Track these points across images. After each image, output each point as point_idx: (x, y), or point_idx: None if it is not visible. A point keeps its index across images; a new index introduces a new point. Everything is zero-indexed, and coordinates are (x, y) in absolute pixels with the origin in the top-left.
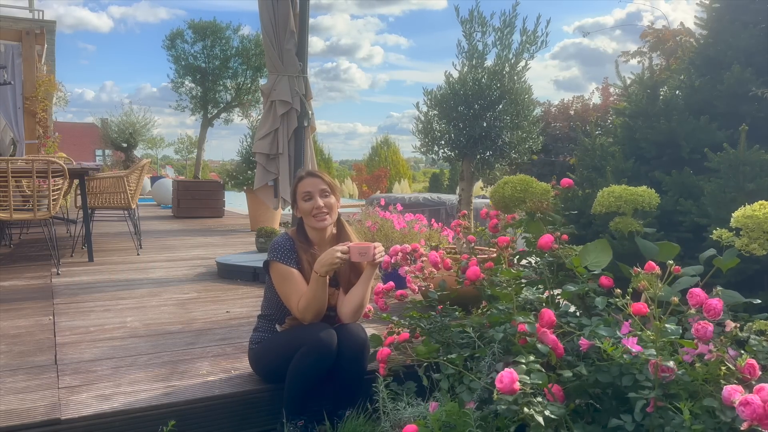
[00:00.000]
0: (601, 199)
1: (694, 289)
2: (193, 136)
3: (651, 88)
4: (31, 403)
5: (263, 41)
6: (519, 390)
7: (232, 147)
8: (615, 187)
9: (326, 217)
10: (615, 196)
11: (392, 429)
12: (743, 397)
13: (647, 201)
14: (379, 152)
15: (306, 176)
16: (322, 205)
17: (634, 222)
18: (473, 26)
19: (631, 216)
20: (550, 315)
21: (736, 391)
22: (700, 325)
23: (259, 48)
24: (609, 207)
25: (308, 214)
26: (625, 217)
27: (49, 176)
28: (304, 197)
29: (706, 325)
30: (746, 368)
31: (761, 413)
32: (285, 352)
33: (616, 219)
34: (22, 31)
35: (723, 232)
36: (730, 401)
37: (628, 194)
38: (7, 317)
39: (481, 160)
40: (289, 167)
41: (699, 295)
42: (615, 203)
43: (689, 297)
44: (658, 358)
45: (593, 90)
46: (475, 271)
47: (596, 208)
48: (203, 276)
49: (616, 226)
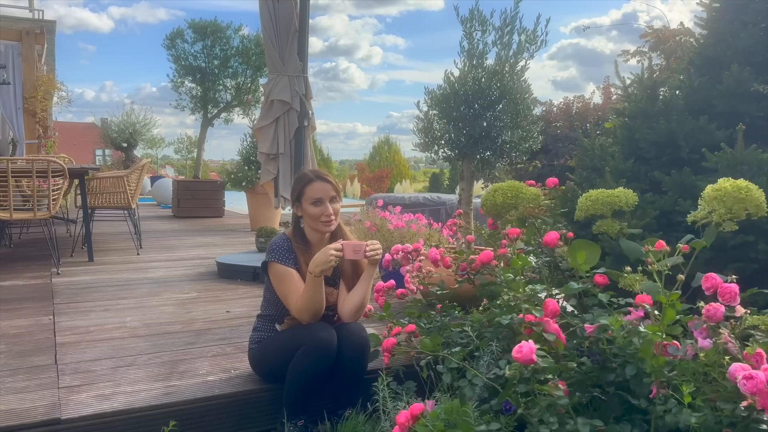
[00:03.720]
0: (581, 204)
1: (709, 273)
2: (193, 135)
3: (650, 88)
4: (31, 403)
5: (263, 41)
6: (535, 362)
7: (232, 147)
8: (592, 191)
9: (333, 223)
10: (592, 200)
11: (392, 429)
12: (747, 372)
13: (624, 201)
14: (380, 152)
15: (316, 180)
16: (332, 212)
17: (615, 224)
18: (473, 25)
19: (611, 218)
20: (554, 304)
21: (742, 369)
22: (711, 306)
23: (259, 48)
24: (588, 211)
25: (316, 219)
26: (606, 220)
27: (49, 176)
28: (314, 203)
29: (718, 306)
30: (754, 357)
31: (762, 388)
32: (285, 351)
33: (598, 222)
34: (22, 31)
35: (696, 213)
36: (734, 377)
37: (605, 197)
38: (7, 317)
39: (481, 160)
40: (289, 167)
41: (714, 278)
42: (593, 207)
43: (704, 281)
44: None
45: (593, 90)
46: (488, 255)
47: (578, 214)
48: (203, 276)
49: (599, 229)
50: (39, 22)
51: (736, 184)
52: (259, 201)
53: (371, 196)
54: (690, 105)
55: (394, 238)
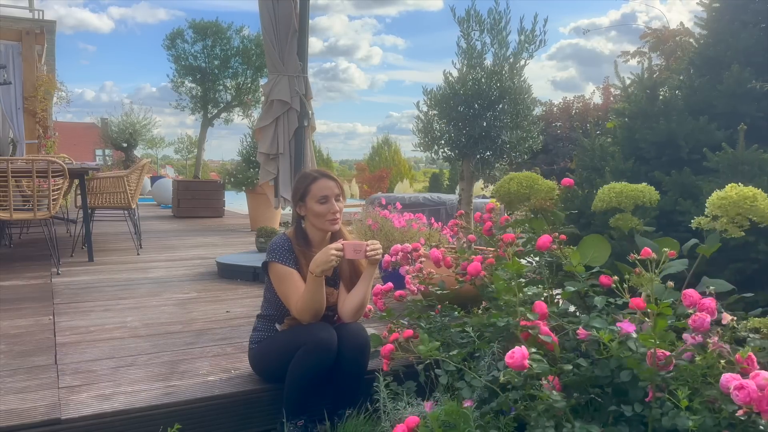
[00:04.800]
0: (602, 195)
1: (688, 290)
2: (193, 135)
3: (650, 88)
4: (31, 403)
5: (263, 41)
6: (528, 367)
7: (232, 147)
8: (615, 183)
9: (338, 221)
10: (616, 192)
11: (392, 429)
12: (738, 382)
13: (648, 197)
14: (380, 152)
15: (321, 178)
16: (338, 209)
17: (634, 219)
18: (470, 25)
19: (631, 213)
20: (542, 306)
21: (733, 378)
22: (698, 316)
23: (259, 48)
24: (610, 203)
25: (322, 217)
26: (626, 214)
27: (49, 176)
28: (321, 200)
29: (704, 316)
30: (746, 361)
31: (756, 397)
32: (285, 351)
33: (617, 216)
34: (22, 31)
35: (701, 219)
36: (726, 387)
37: (629, 190)
38: (7, 317)
39: (481, 160)
40: (289, 167)
41: (692, 295)
42: (616, 199)
43: (683, 298)
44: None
45: (594, 90)
46: (476, 267)
47: (597, 205)
48: (203, 276)
49: (617, 222)
50: (39, 22)
51: (743, 192)
52: (259, 201)
53: (373, 195)
54: (690, 105)
55: (395, 237)
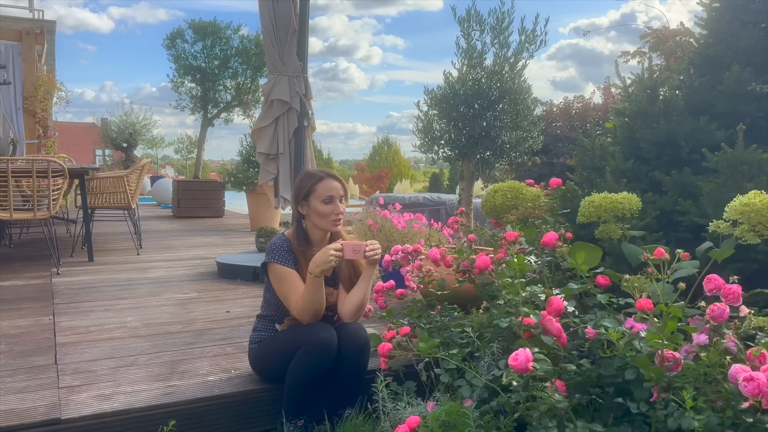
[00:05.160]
0: (583, 209)
1: (711, 275)
2: (193, 135)
3: (651, 88)
4: (31, 403)
5: (263, 41)
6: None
7: (232, 147)
8: (595, 196)
9: (341, 222)
10: (595, 205)
11: (392, 429)
12: (748, 374)
13: (627, 207)
14: (379, 152)
15: (327, 178)
16: (342, 211)
17: (617, 229)
18: (471, 25)
19: (613, 223)
20: (558, 302)
21: (743, 370)
22: (716, 306)
23: (259, 48)
24: (590, 217)
25: (325, 218)
26: (609, 225)
27: (49, 176)
28: (325, 200)
29: (723, 307)
30: (758, 359)
31: (765, 390)
32: (285, 351)
33: (601, 227)
34: (22, 31)
35: (720, 223)
36: (735, 379)
37: (608, 202)
38: (7, 317)
39: (481, 160)
40: (289, 167)
41: (716, 279)
42: (595, 213)
43: (706, 282)
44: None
45: (594, 90)
46: (485, 260)
47: (580, 219)
48: (203, 276)
49: (601, 234)
50: (39, 22)
51: (766, 200)
52: (259, 201)
53: (372, 196)
54: (690, 105)
55: (395, 237)
